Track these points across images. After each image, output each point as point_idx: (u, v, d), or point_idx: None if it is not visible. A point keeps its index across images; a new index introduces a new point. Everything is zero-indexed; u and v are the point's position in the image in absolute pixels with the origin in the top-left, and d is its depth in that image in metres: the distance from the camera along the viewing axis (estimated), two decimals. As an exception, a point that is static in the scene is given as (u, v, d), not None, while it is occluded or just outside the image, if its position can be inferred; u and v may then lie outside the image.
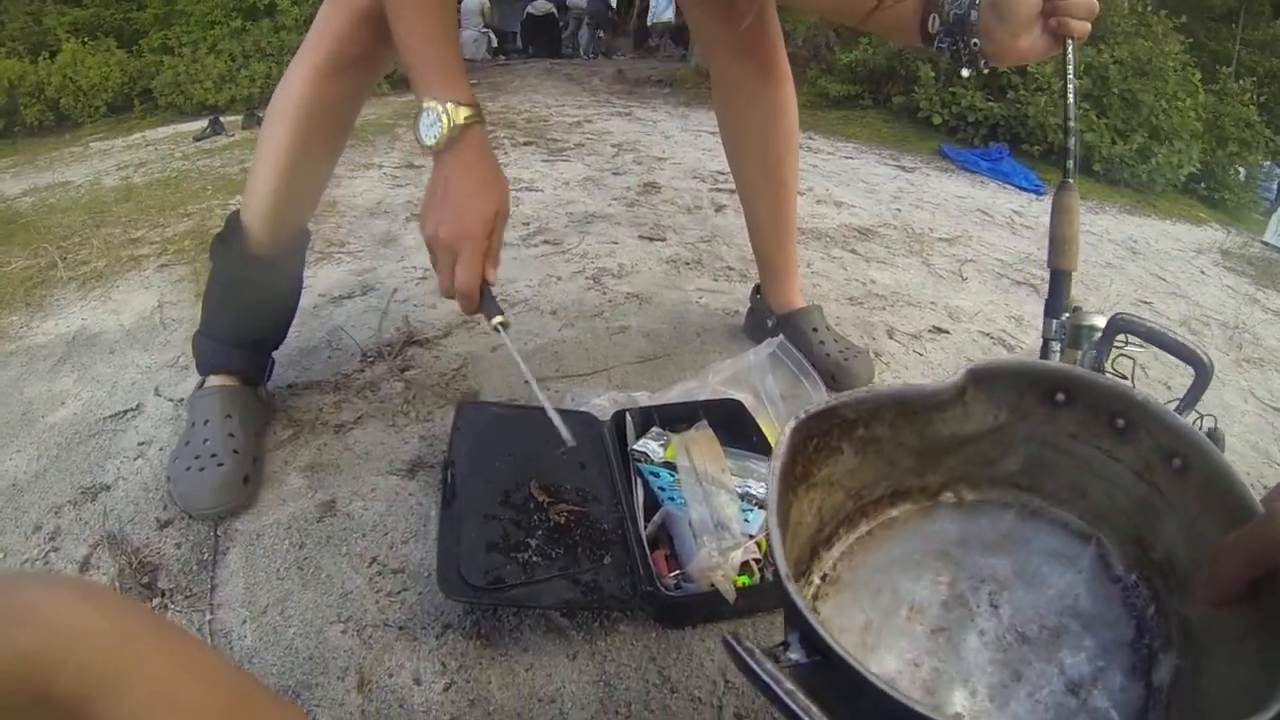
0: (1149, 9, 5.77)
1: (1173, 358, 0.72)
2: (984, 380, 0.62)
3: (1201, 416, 0.69)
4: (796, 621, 0.45)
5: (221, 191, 2.84)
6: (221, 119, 4.52)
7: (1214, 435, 0.73)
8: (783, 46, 1.36)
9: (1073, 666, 0.56)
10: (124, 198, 2.89)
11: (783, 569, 0.46)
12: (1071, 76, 0.91)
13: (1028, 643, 0.58)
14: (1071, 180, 0.92)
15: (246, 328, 1.21)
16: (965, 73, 1.00)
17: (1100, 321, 0.84)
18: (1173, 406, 0.61)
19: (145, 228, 2.36)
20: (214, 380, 1.19)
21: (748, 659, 0.41)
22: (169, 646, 0.37)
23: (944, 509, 0.67)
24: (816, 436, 0.59)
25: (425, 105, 0.90)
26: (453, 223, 0.90)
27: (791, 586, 0.45)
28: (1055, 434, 0.62)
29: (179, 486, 1.06)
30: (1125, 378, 0.77)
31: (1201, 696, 0.49)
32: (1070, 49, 0.90)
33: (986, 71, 0.97)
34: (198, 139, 4.25)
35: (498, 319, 0.92)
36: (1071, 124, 0.91)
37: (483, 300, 0.93)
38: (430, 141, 0.90)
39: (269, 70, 5.44)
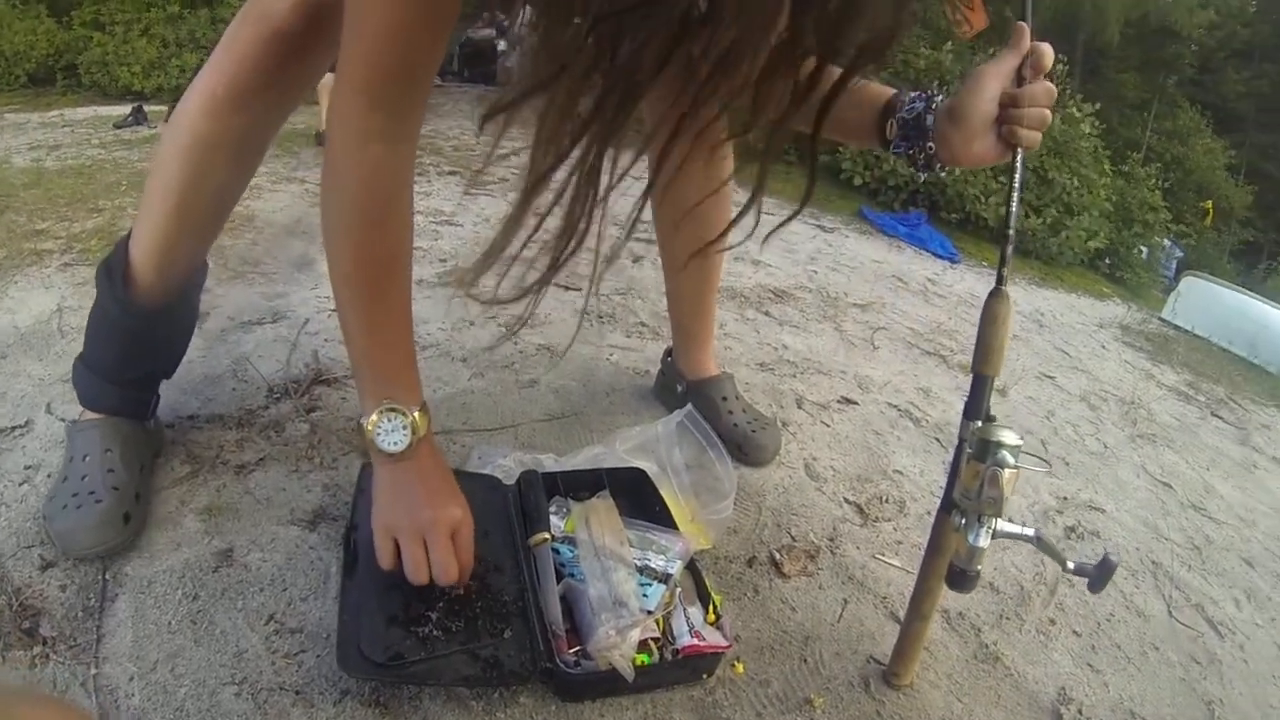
0: (1068, 92, 6.16)
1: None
2: None
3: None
4: None
5: (135, 189, 2.71)
6: (145, 108, 4.36)
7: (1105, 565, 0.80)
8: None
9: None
10: (33, 183, 2.74)
11: None
12: (1017, 185, 0.92)
13: None
14: (1004, 288, 0.91)
15: (130, 367, 1.13)
16: (922, 176, 1.02)
17: (1010, 438, 0.84)
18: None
19: (52, 219, 2.25)
20: (93, 414, 1.13)
21: None
22: None
23: None
24: None
25: (386, 410, 0.90)
26: (423, 510, 0.91)
27: None
28: None
29: (54, 524, 1.00)
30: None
31: None
32: (1019, 157, 0.90)
33: (943, 174, 0.97)
34: (118, 126, 4.09)
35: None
36: (1010, 231, 0.92)
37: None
38: (393, 449, 0.90)
39: (201, 63, 5.26)
